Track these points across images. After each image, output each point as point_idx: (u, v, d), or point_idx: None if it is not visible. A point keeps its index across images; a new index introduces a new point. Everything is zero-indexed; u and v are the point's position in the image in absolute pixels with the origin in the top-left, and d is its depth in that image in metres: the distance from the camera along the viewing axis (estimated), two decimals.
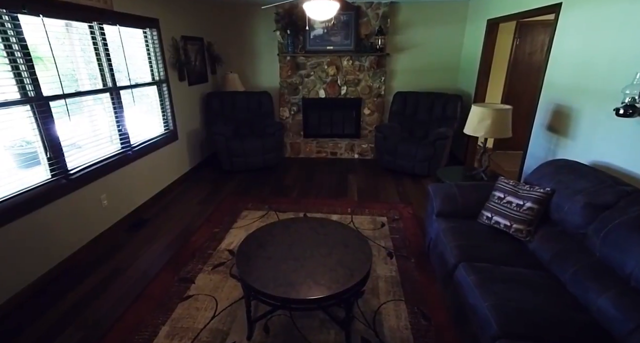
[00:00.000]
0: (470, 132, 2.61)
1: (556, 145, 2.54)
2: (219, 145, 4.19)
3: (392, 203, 3.54)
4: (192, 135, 4.40)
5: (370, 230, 2.98)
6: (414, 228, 3.01)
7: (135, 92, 3.28)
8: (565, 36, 2.48)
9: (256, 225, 3.05)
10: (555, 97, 2.57)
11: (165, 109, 3.76)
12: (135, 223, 3.08)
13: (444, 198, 2.35)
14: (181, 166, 4.13)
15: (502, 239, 2.02)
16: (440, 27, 4.71)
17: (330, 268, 1.77)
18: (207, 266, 2.47)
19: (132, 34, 3.22)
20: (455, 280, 1.81)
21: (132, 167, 3.17)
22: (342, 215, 3.28)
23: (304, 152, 5.13)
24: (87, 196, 2.64)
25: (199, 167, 4.57)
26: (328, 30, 4.67)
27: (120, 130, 3.05)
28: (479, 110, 2.52)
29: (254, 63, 5.12)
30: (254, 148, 4.31)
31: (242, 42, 5.02)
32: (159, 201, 3.56)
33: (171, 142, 3.85)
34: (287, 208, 3.41)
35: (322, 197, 3.72)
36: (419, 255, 2.60)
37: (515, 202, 2.05)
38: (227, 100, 4.69)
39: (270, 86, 5.18)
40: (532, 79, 4.94)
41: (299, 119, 5.23)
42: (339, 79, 4.95)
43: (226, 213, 3.30)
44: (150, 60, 3.50)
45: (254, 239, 2.03)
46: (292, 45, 4.70)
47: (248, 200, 3.60)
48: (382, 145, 4.39)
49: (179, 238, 2.87)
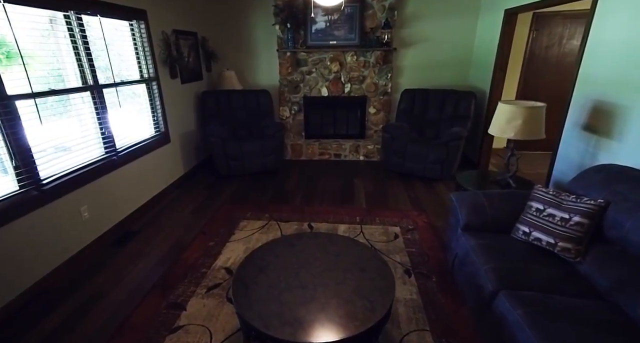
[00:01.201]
0: (497, 133, 2.31)
1: (596, 147, 2.24)
2: (215, 148, 3.88)
3: (404, 211, 3.23)
4: (185, 137, 4.08)
5: (382, 243, 2.68)
6: (431, 240, 2.71)
7: (121, 91, 2.97)
8: (607, 23, 2.17)
9: (256, 238, 2.75)
10: (594, 93, 2.27)
11: (155, 109, 3.45)
12: (120, 237, 2.77)
13: (470, 209, 2.05)
14: (174, 171, 3.82)
15: (546, 260, 1.72)
16: (451, 19, 4.40)
17: (345, 299, 1.47)
18: (201, 288, 2.17)
19: (117, 26, 2.91)
20: (496, 312, 1.51)
21: (118, 174, 2.86)
22: (350, 224, 2.98)
23: (305, 154, 4.82)
24: (64, 209, 2.33)
25: (194, 172, 4.26)
26: (331, 23, 4.36)
27: (104, 133, 2.74)
28: (507, 109, 2.22)
29: (251, 60, 4.81)
30: (253, 150, 4.00)
31: (238, 37, 4.70)
32: (149, 211, 3.25)
33: (162, 145, 3.54)
34: (290, 218, 3.10)
35: (327, 204, 3.42)
36: (441, 272, 2.30)
37: (559, 215, 1.75)
38: (224, 99, 4.38)
39: (269, 84, 4.87)
40: (549, 74, 4.65)
41: (300, 119, 4.92)
42: (343, 76, 4.64)
43: (222, 224, 2.99)
44: (138, 56, 3.19)
45: (254, 262, 1.72)
46: (292, 40, 4.39)
47: (247, 208, 3.30)
48: (390, 147, 4.09)
49: (169, 254, 2.57)
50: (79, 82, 2.51)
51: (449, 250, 2.26)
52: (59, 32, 2.33)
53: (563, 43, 4.50)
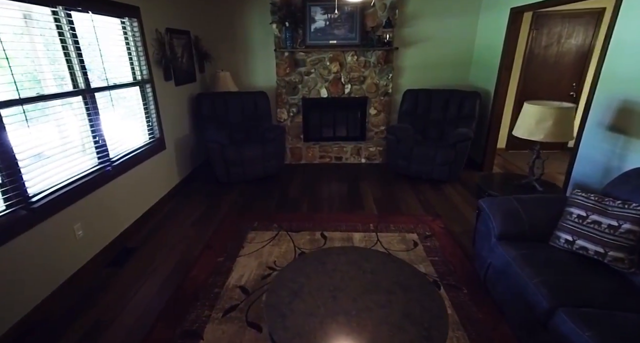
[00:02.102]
0: (525, 134, 2.21)
1: (624, 148, 2.18)
2: (214, 154, 3.65)
3: (418, 216, 3.12)
4: (181, 142, 3.84)
5: (403, 252, 2.55)
6: (452, 247, 2.60)
7: (114, 95, 2.71)
8: (634, 19, 2.11)
9: (268, 251, 2.56)
10: (621, 92, 2.21)
11: (150, 113, 3.20)
12: (118, 256, 2.53)
13: (505, 216, 1.94)
14: (170, 179, 3.57)
15: (597, 271, 1.62)
16: (451, 18, 4.33)
17: (396, 326, 1.32)
18: (216, 311, 1.97)
19: (108, 24, 2.66)
20: (556, 333, 1.39)
21: (113, 186, 2.61)
22: (365, 233, 2.83)
23: (305, 157, 4.65)
24: (57, 228, 2.08)
25: (190, 179, 4.01)
26: (331, 22, 4.21)
27: (97, 141, 2.48)
28: (536, 110, 2.13)
29: (247, 60, 4.60)
30: (254, 156, 3.80)
31: (233, 37, 4.48)
32: (146, 224, 3.00)
33: (158, 152, 3.30)
34: (300, 227, 2.93)
35: (337, 211, 3.26)
36: (470, 283, 2.19)
37: (605, 222, 1.66)
38: (219, 101, 4.16)
39: (267, 85, 4.67)
40: (548, 73, 4.66)
41: (299, 121, 4.75)
42: (343, 76, 4.50)
43: (229, 237, 2.79)
44: (131, 57, 2.94)
45: (284, 284, 1.55)
46: (290, 40, 4.21)
47: (252, 218, 3.10)
48: (396, 149, 3.97)
49: (175, 272, 2.34)
50: (69, 86, 2.25)
51: (479, 260, 2.15)
52: (47, 31, 2.07)
53: (562, 42, 4.51)
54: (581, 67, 4.62)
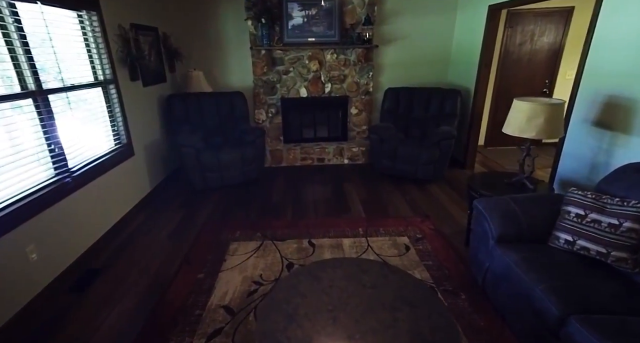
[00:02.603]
0: (516, 132, 2.16)
1: (611, 144, 2.18)
2: (188, 159, 3.40)
3: (406, 218, 3.03)
4: (151, 147, 3.55)
5: (395, 257, 2.44)
6: (444, 249, 2.53)
7: (72, 97, 2.43)
8: (618, 12, 2.10)
9: (252, 264, 2.37)
10: (605, 87, 2.20)
11: (115, 117, 2.91)
12: (82, 280, 2.24)
13: (503, 217, 1.87)
14: (140, 188, 3.29)
15: (601, 273, 1.57)
16: (429, 15, 4.30)
17: None
18: (198, 337, 1.76)
19: (62, 17, 2.37)
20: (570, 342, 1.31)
21: (73, 199, 2.32)
22: (354, 238, 2.70)
23: (286, 160, 4.47)
24: (5, 252, 1.80)
25: (163, 187, 3.73)
26: (309, 19, 4.05)
27: (53, 150, 2.20)
28: (528, 106, 2.08)
29: (221, 58, 4.35)
30: (232, 160, 3.58)
31: (205, 34, 4.22)
32: (114, 239, 2.72)
33: (126, 159, 3.01)
34: (286, 235, 2.76)
35: (323, 215, 3.12)
36: (467, 287, 2.11)
37: (605, 221, 1.62)
38: (193, 103, 3.90)
39: (243, 85, 4.44)
40: (522, 70, 4.73)
41: (278, 122, 4.56)
42: (323, 75, 4.36)
43: (209, 249, 2.57)
44: (91, 55, 2.65)
45: (277, 306, 1.38)
46: (267, 37, 4.01)
47: (234, 227, 2.89)
48: (379, 149, 3.88)
49: (149, 294, 2.11)
50: (16, 87, 1.96)
51: (475, 263, 2.07)
52: None
53: (534, 40, 4.60)
54: (553, 64, 4.73)
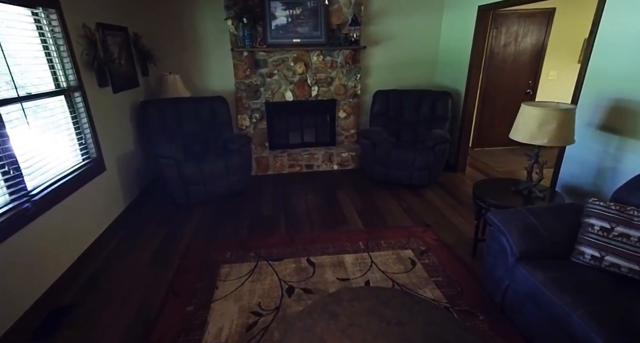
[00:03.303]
0: (526, 139, 2.06)
1: (619, 148, 2.12)
2: (169, 172, 3.10)
3: (407, 228, 2.88)
4: (124, 160, 3.22)
5: (402, 274, 2.28)
6: (452, 263, 2.39)
7: (29, 107, 2.09)
8: (622, 13, 2.04)
9: (249, 289, 2.13)
10: (610, 90, 2.14)
11: (82, 128, 2.58)
12: (47, 321, 1.92)
13: (523, 233, 1.74)
14: (113, 207, 2.96)
15: (636, 292, 1.46)
16: (417, 15, 4.20)
17: None
18: None
19: (13, 15, 2.03)
20: None
21: (35, 227, 1.99)
22: (356, 254, 2.52)
23: (273, 168, 4.23)
24: None
25: (139, 204, 3.39)
26: (293, 19, 3.83)
27: (7, 171, 1.86)
28: (539, 112, 1.97)
29: (200, 61, 4.05)
30: (216, 171, 3.31)
31: (181, 34, 3.90)
32: (86, 269, 2.39)
33: (96, 175, 2.68)
34: (281, 254, 2.53)
35: (319, 229, 2.92)
36: (483, 306, 1.97)
37: (635, 235, 1.52)
38: (170, 109, 3.58)
39: (224, 89, 4.16)
40: (507, 71, 4.73)
41: (263, 128, 4.32)
42: (309, 77, 4.15)
43: (198, 275, 2.30)
44: (51, 59, 2.31)
45: None
46: (249, 38, 3.76)
47: (223, 247, 2.63)
48: (372, 154, 3.73)
49: (130, 336, 1.82)
50: None
51: (491, 280, 1.94)
52: None
53: (518, 41, 4.61)
54: (536, 65, 4.77)
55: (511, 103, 4.92)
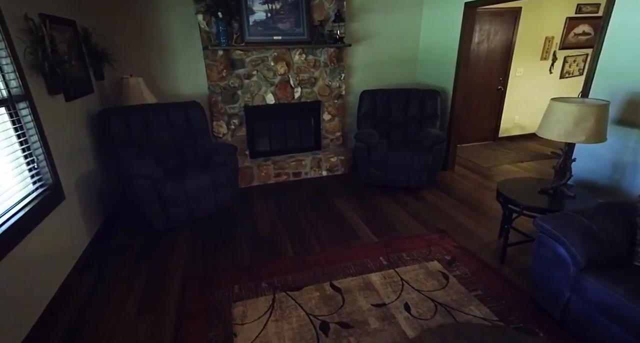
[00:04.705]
0: (561, 137, 1.96)
1: (639, 142, 2.12)
2: (144, 194, 2.58)
3: (422, 236, 2.70)
4: (85, 183, 2.63)
5: (439, 291, 2.07)
6: (484, 273, 2.24)
7: None
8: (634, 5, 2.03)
9: (274, 332, 1.78)
10: (625, 84, 2.14)
11: (32, 148, 2.00)
12: None
13: (585, 240, 1.62)
14: (76, 244, 2.39)
15: None
16: (399, 12, 4.07)
17: None
18: None
19: None
20: None
21: None
22: (381, 272, 2.27)
23: (258, 178, 3.83)
24: None
25: (106, 232, 2.81)
26: (273, 14, 3.47)
27: None
28: (574, 109, 1.88)
29: (165, 61, 3.50)
30: (202, 188, 2.85)
31: (141, 30, 3.33)
32: (50, 337, 1.84)
33: (54, 207, 2.11)
34: (299, 280, 2.20)
35: (330, 246, 2.62)
36: (537, 321, 1.83)
37: None
38: (136, 118, 3.03)
39: (196, 93, 3.66)
40: (481, 68, 4.83)
41: (242, 135, 3.89)
42: (291, 78, 3.82)
43: (205, 321, 1.88)
44: None
45: None
46: (224, 35, 3.32)
47: (226, 279, 2.22)
48: (367, 158, 3.52)
49: None
50: None
51: (545, 292, 1.81)
52: None
53: (490, 39, 4.71)
54: (505, 62, 4.92)
55: (484, 99, 5.05)
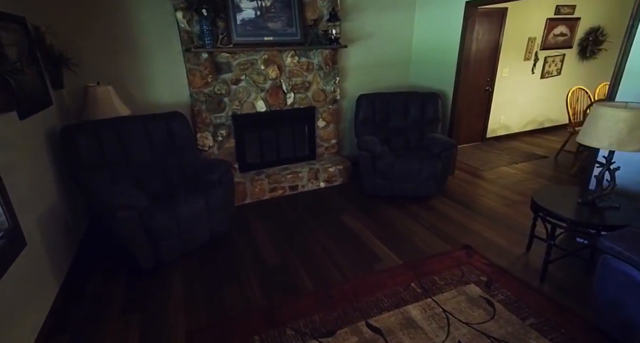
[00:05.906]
0: (613, 146, 1.80)
1: None
2: (128, 230, 2.12)
3: (448, 254, 2.48)
4: (49, 220, 2.12)
5: (489, 323, 1.84)
6: (528, 294, 2.05)
7: None
8: None
9: None
10: None
11: None
12: None
13: None
14: (43, 296, 1.89)
15: None
16: (394, 11, 3.86)
17: None
18: None
19: None
20: None
21: None
22: (418, 302, 2.01)
23: (252, 194, 3.43)
24: None
25: (78, 279, 2.30)
26: (263, 12, 3.10)
27: None
28: (628, 115, 1.73)
29: (138, 66, 3.01)
30: (195, 214, 2.43)
31: (107, 28, 2.82)
32: None
33: (14, 257, 1.61)
34: (329, 323, 1.87)
35: (352, 273, 2.32)
36: None
37: None
38: (109, 134, 2.54)
39: (176, 102, 3.20)
40: (471, 69, 4.68)
41: (230, 147, 3.48)
42: (284, 83, 3.47)
43: None
44: None
45: None
46: (209, 35, 2.91)
47: (242, 328, 1.85)
48: (371, 167, 3.26)
49: None
50: None
51: (614, 319, 1.64)
52: None
53: (479, 39, 4.65)
54: (493, 63, 4.90)
55: (474, 100, 4.99)
